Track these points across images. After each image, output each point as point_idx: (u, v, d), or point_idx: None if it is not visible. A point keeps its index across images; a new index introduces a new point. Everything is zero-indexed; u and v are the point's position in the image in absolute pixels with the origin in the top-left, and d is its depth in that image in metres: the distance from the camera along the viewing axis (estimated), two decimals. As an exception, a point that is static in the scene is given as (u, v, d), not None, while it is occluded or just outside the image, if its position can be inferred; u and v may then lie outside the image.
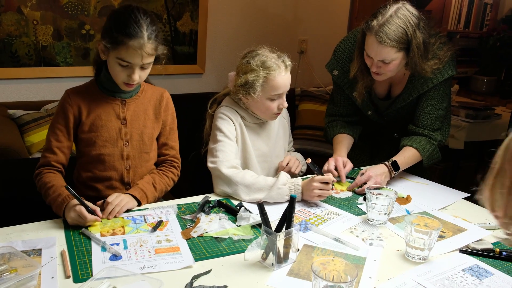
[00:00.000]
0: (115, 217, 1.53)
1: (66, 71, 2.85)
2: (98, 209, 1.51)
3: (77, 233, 1.43)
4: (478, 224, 1.61)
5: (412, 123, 2.03)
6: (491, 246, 1.45)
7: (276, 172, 1.95)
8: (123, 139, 1.71)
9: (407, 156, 1.95)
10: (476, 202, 1.82)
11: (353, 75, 1.97)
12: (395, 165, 1.90)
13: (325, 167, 1.93)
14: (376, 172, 1.85)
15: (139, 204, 1.63)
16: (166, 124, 1.82)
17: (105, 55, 1.61)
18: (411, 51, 1.79)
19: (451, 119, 2.09)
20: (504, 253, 1.41)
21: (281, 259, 1.31)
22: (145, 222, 1.52)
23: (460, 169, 3.61)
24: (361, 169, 1.96)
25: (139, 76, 1.61)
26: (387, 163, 1.90)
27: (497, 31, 4.09)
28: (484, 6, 4.46)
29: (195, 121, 2.05)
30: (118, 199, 1.56)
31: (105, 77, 1.68)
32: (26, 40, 2.72)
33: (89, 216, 1.46)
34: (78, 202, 1.48)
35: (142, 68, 1.61)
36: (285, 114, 2.05)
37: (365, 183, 1.82)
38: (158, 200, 1.75)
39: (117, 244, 1.37)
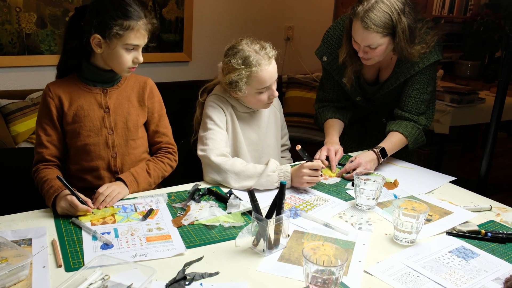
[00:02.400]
0: (105, 207, 1.54)
1: (51, 59, 2.81)
2: (89, 201, 1.51)
3: (68, 222, 1.43)
4: (464, 206, 1.64)
5: (398, 107, 2.06)
6: (476, 228, 1.48)
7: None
8: (107, 128, 1.70)
9: (394, 141, 1.98)
10: (461, 185, 1.85)
11: (342, 61, 1.98)
12: (383, 152, 1.92)
13: (317, 157, 1.94)
14: (366, 159, 1.87)
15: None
16: (154, 111, 1.81)
17: (101, 48, 1.60)
18: (396, 36, 1.80)
19: (435, 104, 2.12)
20: (489, 234, 1.44)
21: (272, 245, 1.32)
22: (136, 210, 1.52)
23: (445, 153, 3.67)
24: (351, 156, 1.98)
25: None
26: (375, 150, 1.93)
27: (481, 15, 4.12)
28: (468, -10, 4.50)
29: (182, 109, 2.04)
30: (109, 190, 1.56)
31: (88, 69, 1.67)
32: (9, 28, 2.68)
33: (81, 206, 1.46)
34: (69, 193, 1.48)
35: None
36: (276, 104, 2.05)
37: (354, 170, 1.84)
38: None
39: (108, 233, 1.38)
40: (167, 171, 1.81)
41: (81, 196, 1.49)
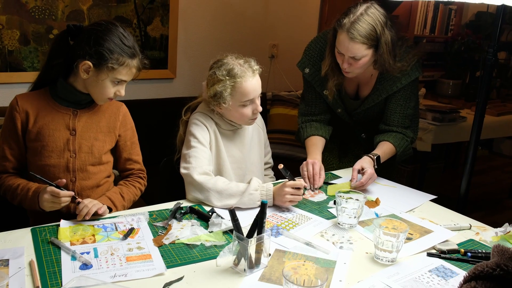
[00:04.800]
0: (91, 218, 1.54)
1: (34, 76, 2.71)
2: (71, 193, 1.52)
3: (46, 242, 1.41)
4: (444, 225, 1.66)
5: (383, 123, 2.11)
6: (456, 247, 1.49)
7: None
8: (70, 150, 1.66)
9: (385, 150, 2.03)
10: (442, 203, 1.88)
11: (324, 73, 2.03)
12: (378, 160, 1.97)
13: (304, 169, 1.95)
14: (370, 166, 1.91)
15: (110, 211, 1.62)
16: (127, 139, 1.80)
17: (88, 75, 1.58)
18: (380, 48, 1.86)
19: (419, 118, 2.18)
20: (469, 254, 1.45)
21: (253, 265, 1.32)
22: (116, 230, 1.51)
23: (428, 171, 3.71)
24: (333, 174, 1.98)
25: None
26: (372, 157, 1.96)
27: (461, 36, 4.21)
28: (448, 11, 4.59)
29: (166, 126, 2.04)
30: (89, 201, 1.56)
31: (63, 88, 1.65)
32: (-9, 45, 2.66)
33: (63, 192, 1.48)
34: (42, 189, 1.51)
35: None
36: (260, 122, 2.06)
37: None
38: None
39: (88, 253, 1.36)
40: (138, 195, 1.80)
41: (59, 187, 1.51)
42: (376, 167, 1.96)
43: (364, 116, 2.17)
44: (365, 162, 1.93)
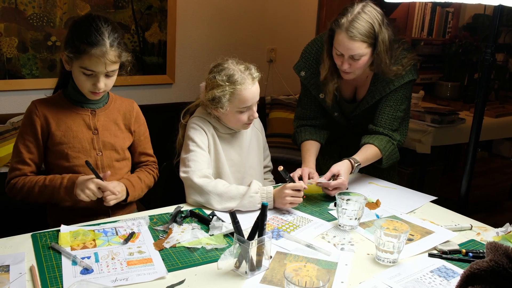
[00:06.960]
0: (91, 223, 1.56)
1: (32, 83, 2.80)
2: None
3: (47, 247, 1.40)
4: (445, 226, 1.65)
5: (372, 123, 2.09)
6: (457, 247, 1.49)
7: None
8: (96, 149, 1.72)
9: (368, 153, 1.99)
10: (442, 204, 1.87)
11: (324, 77, 2.01)
12: (357, 163, 1.94)
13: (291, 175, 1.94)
14: (346, 173, 1.87)
15: (127, 195, 1.71)
16: (141, 135, 1.87)
17: (69, 66, 1.63)
18: (377, 46, 1.85)
19: (409, 122, 2.15)
20: (470, 254, 1.45)
21: (254, 267, 1.32)
22: (117, 234, 1.51)
23: (427, 173, 3.71)
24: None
25: (104, 84, 1.64)
26: (351, 160, 1.93)
27: (459, 38, 4.22)
28: (446, 14, 4.61)
29: (165, 131, 2.04)
30: (118, 188, 1.65)
31: (72, 88, 1.69)
32: (-10, 53, 2.67)
33: (110, 188, 1.57)
34: (91, 177, 1.58)
35: (107, 76, 1.64)
36: (258, 125, 2.07)
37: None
38: (133, 211, 1.75)
39: (88, 257, 1.36)
40: (152, 183, 1.88)
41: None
42: (353, 172, 1.93)
43: (362, 118, 2.16)
44: (344, 168, 1.88)
